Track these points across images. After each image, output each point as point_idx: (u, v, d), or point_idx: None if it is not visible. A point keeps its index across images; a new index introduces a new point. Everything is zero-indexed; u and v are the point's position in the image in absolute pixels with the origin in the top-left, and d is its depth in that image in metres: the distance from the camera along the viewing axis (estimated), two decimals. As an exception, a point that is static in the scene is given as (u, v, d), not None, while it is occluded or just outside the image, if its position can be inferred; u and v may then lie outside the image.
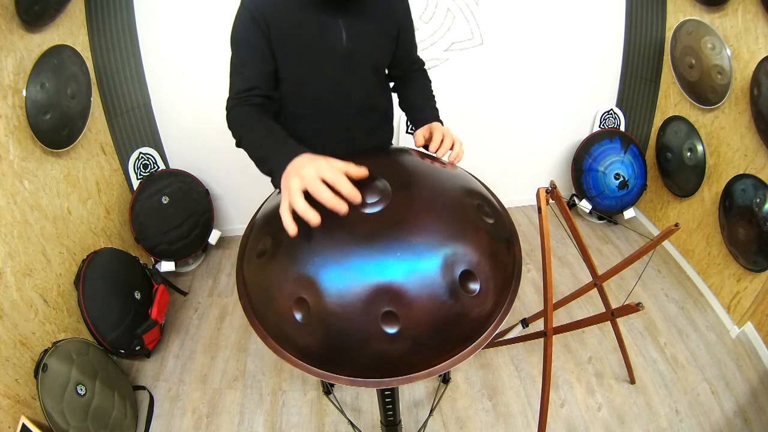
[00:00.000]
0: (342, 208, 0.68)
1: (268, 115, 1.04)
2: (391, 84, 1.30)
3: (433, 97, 1.24)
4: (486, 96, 2.42)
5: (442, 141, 1.00)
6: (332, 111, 1.15)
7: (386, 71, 1.27)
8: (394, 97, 1.31)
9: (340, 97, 1.13)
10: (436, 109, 1.19)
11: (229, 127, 1.00)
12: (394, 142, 1.40)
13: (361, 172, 0.74)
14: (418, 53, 1.29)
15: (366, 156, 1.04)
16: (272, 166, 0.82)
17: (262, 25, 0.99)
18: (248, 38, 1.00)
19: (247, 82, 1.01)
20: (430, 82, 1.27)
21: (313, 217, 0.68)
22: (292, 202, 0.70)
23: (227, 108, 1.03)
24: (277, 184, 0.80)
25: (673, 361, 1.90)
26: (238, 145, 0.98)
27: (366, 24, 1.07)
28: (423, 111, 1.17)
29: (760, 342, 1.87)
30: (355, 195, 0.70)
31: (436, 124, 1.06)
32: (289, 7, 1.02)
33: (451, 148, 1.00)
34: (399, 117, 2.40)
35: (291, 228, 0.70)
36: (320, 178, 0.70)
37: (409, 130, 2.44)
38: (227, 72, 1.06)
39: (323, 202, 0.69)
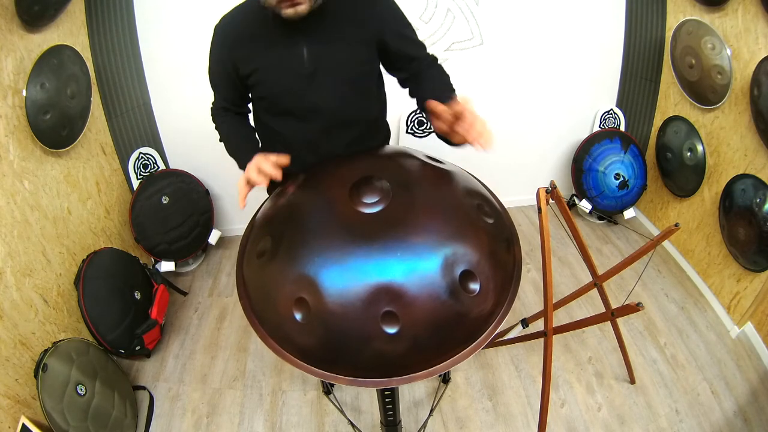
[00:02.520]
0: (259, 180, 0.98)
1: (242, 120, 1.28)
2: (406, 90, 1.24)
3: (450, 85, 1.15)
4: (486, 96, 2.42)
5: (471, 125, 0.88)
6: (304, 127, 1.17)
7: (381, 81, 1.25)
8: (396, 103, 1.28)
9: (310, 114, 1.15)
10: (453, 91, 1.12)
11: (215, 128, 1.28)
12: (393, 143, 1.38)
13: (282, 160, 1.01)
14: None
15: (367, 156, 1.04)
16: (241, 166, 1.11)
17: (227, 59, 1.13)
18: (216, 67, 1.18)
19: (219, 102, 1.25)
20: (445, 74, 1.19)
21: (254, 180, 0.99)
22: (245, 176, 1.01)
23: (211, 112, 1.30)
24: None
25: (673, 361, 1.90)
26: (221, 141, 1.27)
27: (331, 39, 1.07)
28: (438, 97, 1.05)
29: (760, 342, 1.87)
30: (275, 174, 0.97)
31: (461, 101, 0.92)
32: (252, 37, 1.08)
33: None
34: (399, 117, 2.39)
35: (241, 200, 0.99)
36: (256, 165, 1.00)
37: (408, 130, 2.44)
38: None
39: (249, 178, 1.00)
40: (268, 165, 0.98)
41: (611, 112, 2.58)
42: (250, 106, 1.30)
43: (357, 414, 1.79)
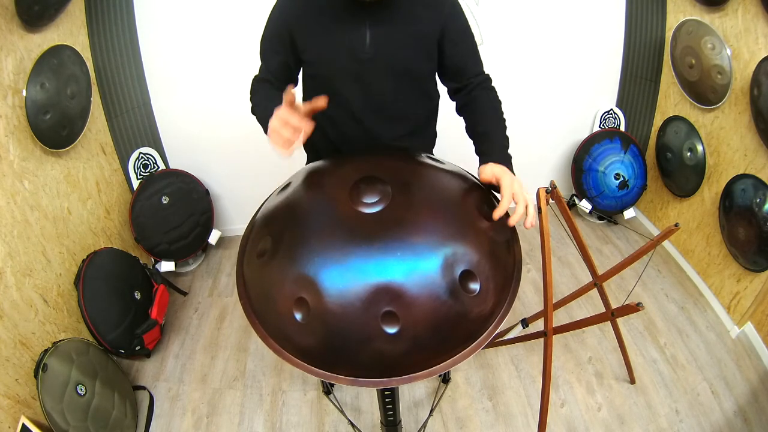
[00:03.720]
0: (285, 133, 0.87)
1: (279, 95, 1.18)
2: (455, 103, 1.21)
3: (501, 116, 1.11)
4: (486, 96, 2.42)
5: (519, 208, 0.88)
6: (356, 114, 1.15)
7: (435, 83, 1.22)
8: (461, 131, 1.21)
9: (364, 101, 1.13)
10: (508, 154, 1.04)
11: (249, 98, 1.16)
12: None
13: (318, 103, 0.88)
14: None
15: (367, 156, 1.04)
16: (263, 124, 1.01)
17: (284, 31, 1.08)
18: (272, 38, 1.12)
19: (263, 73, 1.17)
20: (498, 101, 1.14)
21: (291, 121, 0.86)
22: (272, 123, 0.89)
23: (251, 84, 1.18)
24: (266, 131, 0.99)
25: (673, 361, 1.90)
26: (252, 111, 1.14)
27: (395, 28, 1.05)
28: (489, 144, 1.05)
29: (760, 342, 1.87)
30: (298, 124, 0.86)
31: (513, 182, 0.92)
32: (315, 11, 1.04)
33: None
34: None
35: (286, 150, 0.88)
36: (280, 118, 0.88)
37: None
38: (228, 72, 1.09)
39: (273, 127, 0.89)
40: (294, 118, 0.86)
41: (611, 112, 2.58)
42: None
43: (357, 414, 1.79)
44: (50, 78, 1.68)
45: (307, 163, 1.36)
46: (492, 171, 0.95)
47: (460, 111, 1.19)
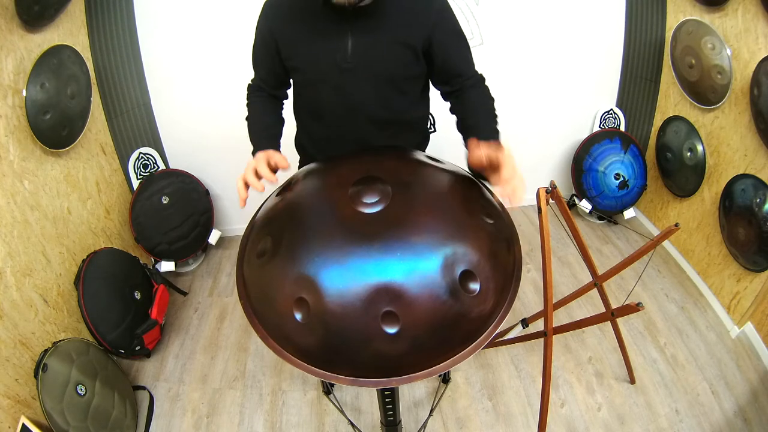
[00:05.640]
0: (254, 183, 0.94)
1: (272, 106, 1.22)
2: (448, 104, 1.20)
3: (493, 112, 1.10)
4: (486, 96, 2.42)
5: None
6: (340, 121, 1.16)
7: (426, 88, 1.22)
8: (438, 114, 1.23)
9: (348, 108, 1.13)
10: (497, 130, 1.05)
11: (246, 105, 1.22)
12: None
13: (281, 164, 0.98)
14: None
15: (366, 156, 1.04)
16: (253, 154, 1.07)
17: (269, 39, 1.10)
18: (260, 46, 1.14)
19: (257, 81, 1.21)
20: (491, 98, 1.14)
21: (253, 185, 0.94)
22: (243, 176, 0.95)
23: (247, 89, 1.24)
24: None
25: (673, 361, 1.90)
26: (246, 120, 1.20)
27: (379, 35, 1.04)
28: (479, 129, 1.04)
29: (760, 342, 1.87)
30: (269, 176, 0.95)
31: (501, 149, 0.88)
32: (298, 19, 1.05)
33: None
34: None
35: (241, 193, 0.94)
36: (253, 168, 0.95)
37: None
38: (227, 72, 1.10)
39: (246, 179, 0.94)
40: (264, 168, 0.94)
41: (611, 112, 2.58)
42: (289, 92, 1.27)
43: (357, 414, 1.79)
44: (50, 78, 1.68)
45: (299, 163, 1.37)
46: (485, 151, 0.87)
47: (452, 110, 1.19)
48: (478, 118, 1.08)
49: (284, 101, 1.27)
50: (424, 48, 1.09)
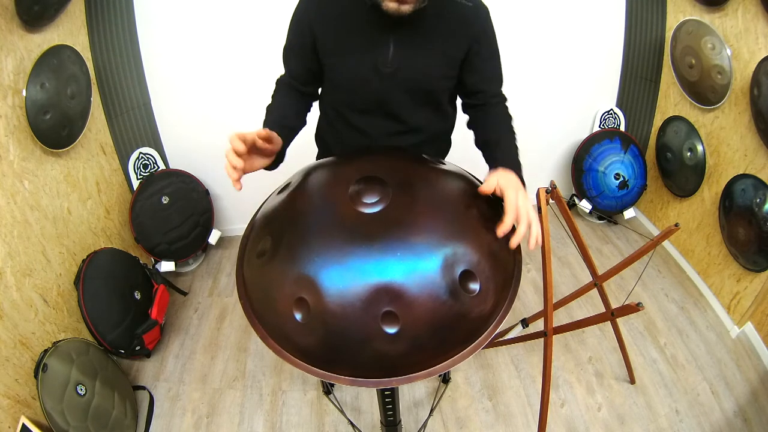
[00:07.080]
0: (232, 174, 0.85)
1: (295, 100, 1.17)
2: (467, 118, 1.20)
3: (512, 130, 1.10)
4: (486, 96, 2.42)
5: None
6: (369, 124, 1.15)
7: (454, 99, 1.21)
8: (462, 131, 1.21)
9: (380, 113, 1.13)
10: (518, 162, 1.02)
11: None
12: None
13: (261, 134, 0.90)
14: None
15: (366, 156, 1.04)
16: None
17: (307, 33, 1.06)
18: (295, 37, 1.10)
19: (286, 77, 1.17)
20: (509, 117, 1.14)
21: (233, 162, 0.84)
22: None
23: (275, 85, 1.18)
24: None
25: (673, 361, 1.90)
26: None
27: (421, 45, 1.04)
28: (500, 151, 1.03)
29: (760, 342, 1.87)
30: (234, 161, 0.83)
31: (518, 196, 0.84)
32: (342, 18, 1.03)
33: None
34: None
35: (234, 182, 0.85)
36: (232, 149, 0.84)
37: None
38: (228, 72, 1.08)
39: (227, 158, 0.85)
40: (237, 142, 0.82)
41: (611, 112, 2.58)
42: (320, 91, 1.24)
43: (357, 414, 1.79)
44: (50, 78, 1.68)
45: (317, 156, 1.36)
46: (497, 182, 0.87)
47: (470, 124, 1.18)
48: (499, 137, 1.09)
49: (312, 102, 1.23)
50: (462, 60, 1.09)
